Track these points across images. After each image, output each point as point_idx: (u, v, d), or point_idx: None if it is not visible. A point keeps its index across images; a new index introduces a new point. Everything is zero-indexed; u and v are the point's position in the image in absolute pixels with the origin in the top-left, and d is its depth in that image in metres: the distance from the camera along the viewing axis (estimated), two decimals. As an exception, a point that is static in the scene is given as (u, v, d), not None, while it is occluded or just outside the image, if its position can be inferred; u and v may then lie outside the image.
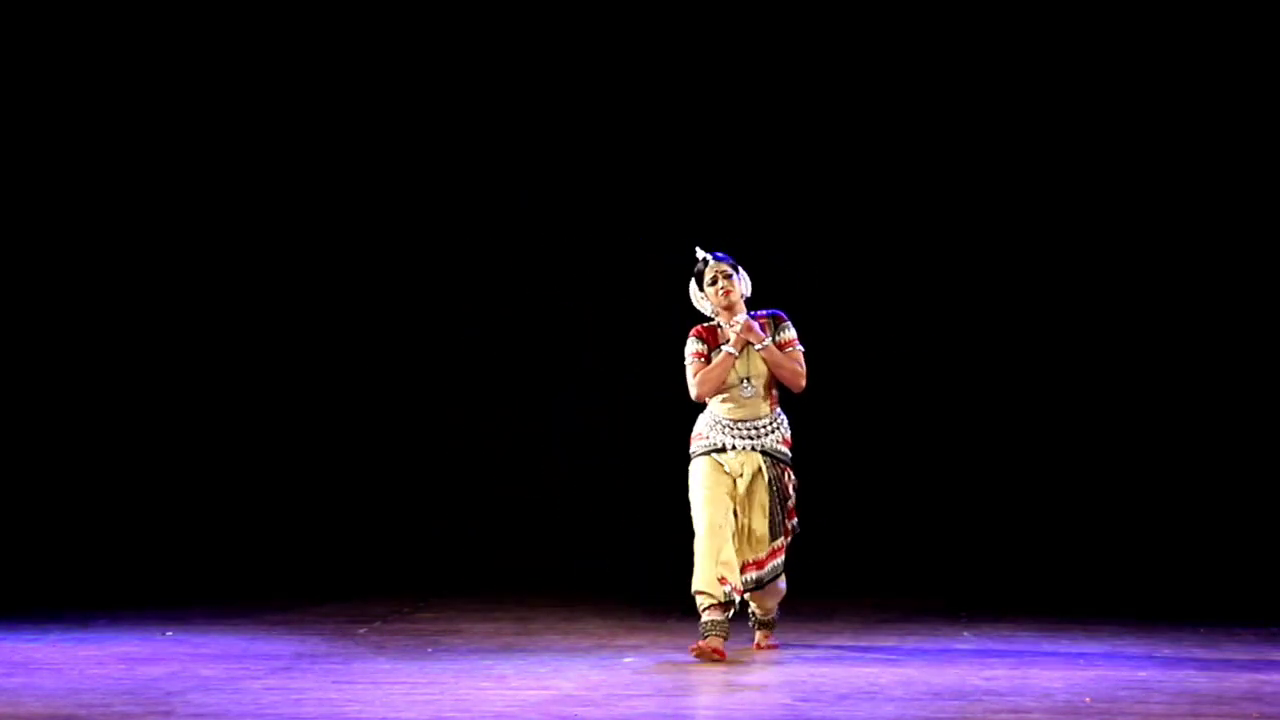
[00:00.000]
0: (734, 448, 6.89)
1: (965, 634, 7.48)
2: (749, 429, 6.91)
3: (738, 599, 6.80)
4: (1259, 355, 9.69)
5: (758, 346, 6.89)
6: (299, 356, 10.22)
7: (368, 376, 10.22)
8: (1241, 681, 6.30)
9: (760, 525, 6.87)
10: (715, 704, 5.98)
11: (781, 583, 6.99)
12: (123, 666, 6.67)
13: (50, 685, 6.24)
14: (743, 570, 6.85)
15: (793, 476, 6.97)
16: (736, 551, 6.81)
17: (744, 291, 7.00)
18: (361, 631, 7.62)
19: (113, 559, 9.82)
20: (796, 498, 6.98)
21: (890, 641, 7.28)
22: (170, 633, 7.57)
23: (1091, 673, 6.48)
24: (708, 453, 6.92)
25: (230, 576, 9.56)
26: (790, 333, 6.97)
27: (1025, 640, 7.31)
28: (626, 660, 6.85)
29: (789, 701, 5.92)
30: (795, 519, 6.97)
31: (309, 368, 10.23)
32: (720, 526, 6.77)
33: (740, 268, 7.02)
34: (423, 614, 8.19)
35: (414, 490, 10.16)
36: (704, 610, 6.76)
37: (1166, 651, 7.00)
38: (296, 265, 10.20)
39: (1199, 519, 9.70)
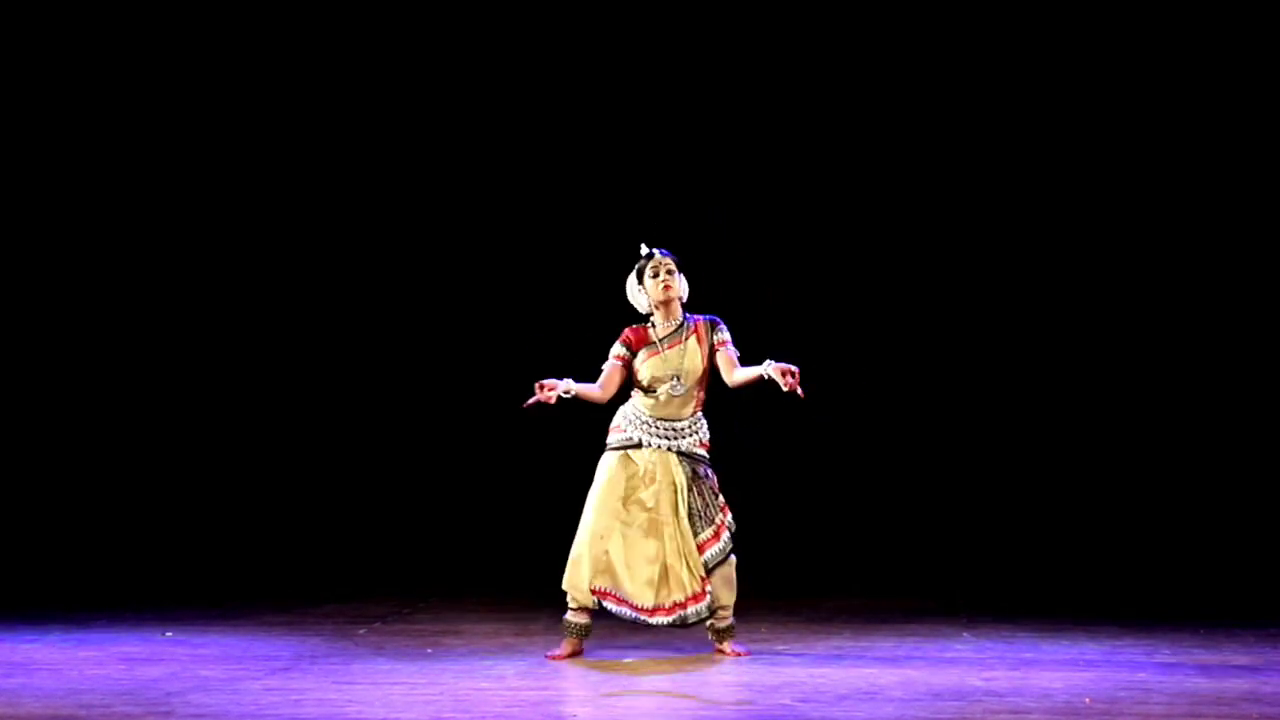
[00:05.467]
0: (648, 444, 6.88)
1: (965, 634, 7.48)
2: (667, 429, 6.89)
3: (694, 606, 6.82)
4: (1258, 356, 9.69)
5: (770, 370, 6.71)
6: (299, 358, 10.23)
7: (367, 377, 10.22)
8: (1241, 681, 6.30)
9: (685, 535, 6.83)
10: (715, 704, 5.98)
11: (732, 575, 6.89)
12: (123, 666, 6.68)
13: (50, 685, 6.25)
14: (705, 580, 6.82)
15: (711, 474, 6.92)
16: (669, 563, 6.80)
17: (682, 293, 7.01)
18: (361, 631, 7.62)
19: (113, 559, 9.83)
20: (724, 496, 6.91)
21: (890, 641, 7.28)
22: (170, 633, 7.58)
23: (1091, 673, 6.48)
24: (621, 448, 6.91)
25: (230, 576, 9.56)
26: (724, 334, 6.94)
27: (1025, 640, 7.30)
28: (625, 660, 6.86)
29: (789, 701, 5.93)
30: (729, 514, 6.88)
31: (309, 369, 10.24)
32: (601, 537, 6.83)
33: (681, 271, 7.00)
34: (423, 614, 8.19)
35: (414, 491, 10.16)
36: (571, 610, 6.92)
37: (1166, 651, 7.00)
38: (297, 268, 10.22)
39: (1198, 519, 9.70)
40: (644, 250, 7.01)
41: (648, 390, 6.91)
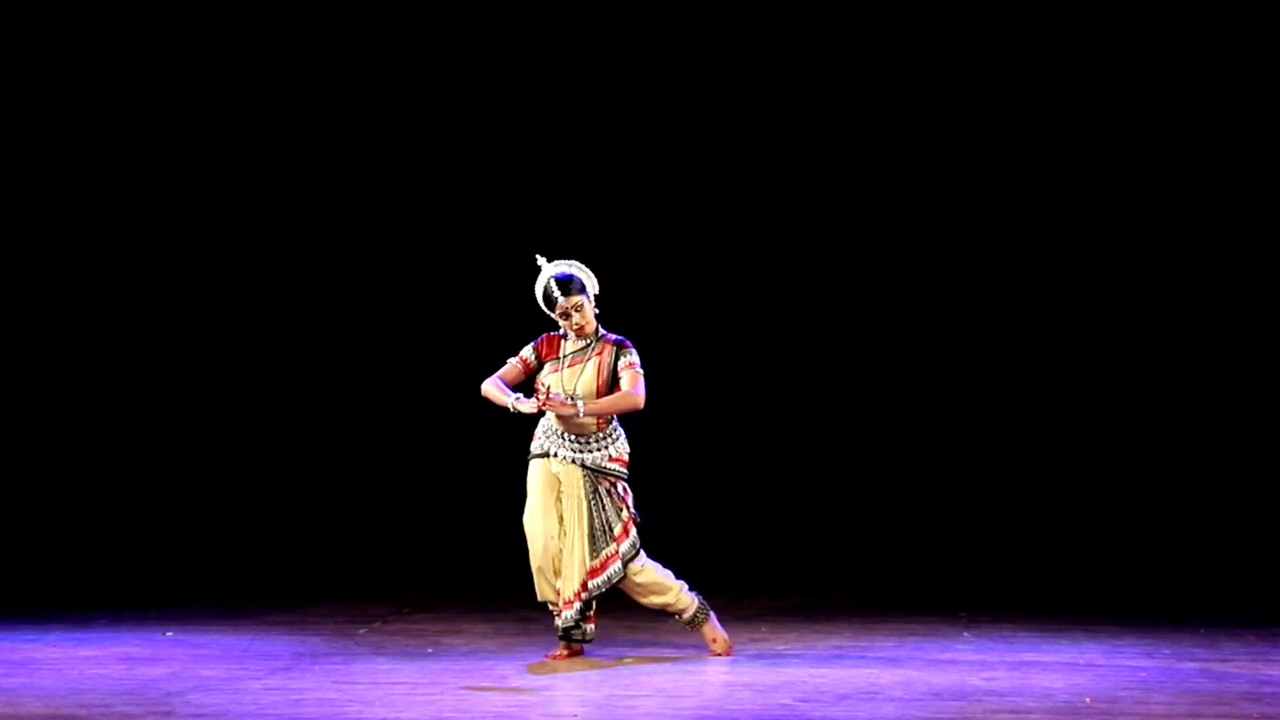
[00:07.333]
0: (558, 455, 6.89)
1: (965, 634, 7.48)
2: (576, 442, 6.88)
3: (566, 613, 6.85)
4: (1258, 355, 9.69)
5: (580, 416, 6.78)
6: (298, 357, 10.23)
7: (367, 377, 10.22)
8: (1241, 681, 6.30)
9: (582, 547, 6.85)
10: (715, 704, 5.98)
11: (653, 575, 6.89)
12: (123, 666, 6.68)
13: (50, 685, 6.25)
14: (581, 589, 6.85)
15: (625, 490, 6.91)
16: (569, 570, 6.86)
17: (592, 296, 6.91)
18: (361, 631, 7.63)
19: (113, 559, 9.83)
20: (634, 513, 6.90)
21: (890, 641, 7.28)
22: (170, 633, 7.58)
23: (1091, 673, 6.48)
24: (538, 456, 6.95)
25: (230, 576, 9.56)
26: (631, 357, 6.88)
27: (1025, 640, 7.31)
28: (626, 660, 6.86)
29: (789, 701, 5.92)
30: (631, 534, 6.86)
31: (309, 368, 10.23)
32: (553, 538, 6.87)
33: (586, 276, 6.92)
34: (423, 614, 8.19)
35: (414, 490, 10.15)
36: (558, 616, 6.90)
37: (1166, 651, 7.00)
38: (298, 268, 10.21)
39: (1199, 518, 9.70)
40: (539, 261, 6.95)
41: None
